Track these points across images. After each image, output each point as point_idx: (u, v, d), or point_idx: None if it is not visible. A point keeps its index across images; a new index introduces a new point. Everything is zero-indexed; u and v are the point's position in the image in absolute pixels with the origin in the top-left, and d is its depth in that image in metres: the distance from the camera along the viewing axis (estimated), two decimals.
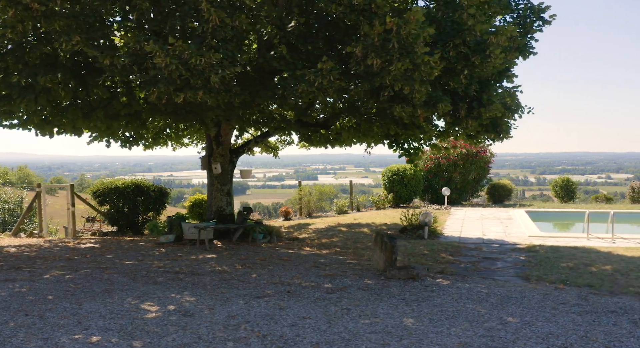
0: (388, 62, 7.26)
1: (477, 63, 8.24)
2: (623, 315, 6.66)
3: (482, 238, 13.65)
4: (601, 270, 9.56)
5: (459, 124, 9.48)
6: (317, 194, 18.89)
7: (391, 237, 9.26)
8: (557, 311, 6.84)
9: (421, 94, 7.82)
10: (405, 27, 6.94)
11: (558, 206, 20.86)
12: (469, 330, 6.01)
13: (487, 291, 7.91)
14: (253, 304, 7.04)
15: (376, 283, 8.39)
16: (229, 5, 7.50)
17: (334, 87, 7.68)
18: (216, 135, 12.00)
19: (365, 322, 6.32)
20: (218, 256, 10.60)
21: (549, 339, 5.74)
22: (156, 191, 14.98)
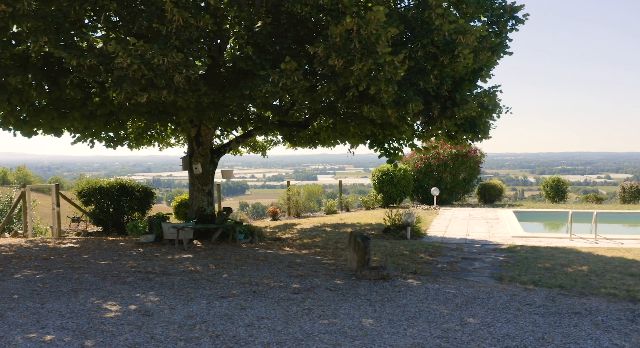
0: (349, 62, 7.23)
1: (446, 63, 8.19)
2: (587, 317, 6.62)
3: (465, 238, 13.62)
4: (577, 271, 9.51)
5: (433, 124, 9.43)
6: (305, 194, 18.86)
7: (364, 238, 9.22)
8: (521, 312, 6.80)
9: (389, 93, 7.78)
10: (366, 27, 6.92)
11: (546, 206, 20.78)
12: (425, 331, 5.99)
13: (455, 292, 7.88)
14: (215, 304, 7.03)
15: (346, 283, 8.37)
16: (194, 5, 7.48)
17: (298, 87, 7.66)
18: (196, 135, 11.99)
19: (323, 322, 6.30)
20: (194, 256, 10.59)
21: (504, 340, 5.71)
22: (141, 191, 14.99)
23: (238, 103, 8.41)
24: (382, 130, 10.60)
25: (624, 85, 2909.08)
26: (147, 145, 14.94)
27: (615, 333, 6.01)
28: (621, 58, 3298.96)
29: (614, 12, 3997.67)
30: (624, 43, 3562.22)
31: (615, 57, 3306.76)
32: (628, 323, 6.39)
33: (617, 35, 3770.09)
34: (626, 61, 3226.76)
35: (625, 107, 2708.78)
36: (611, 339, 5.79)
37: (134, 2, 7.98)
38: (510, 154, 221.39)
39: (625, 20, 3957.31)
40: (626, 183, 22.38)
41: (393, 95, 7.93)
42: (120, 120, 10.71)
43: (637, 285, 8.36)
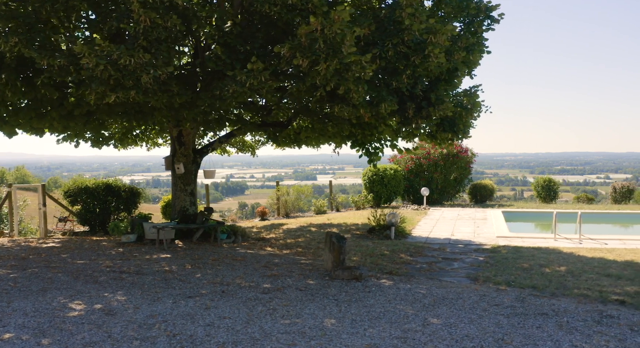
0: (315, 62, 7.21)
1: (417, 62, 8.16)
2: (552, 318, 6.59)
3: (449, 238, 13.58)
4: (554, 271, 9.48)
5: (409, 124, 9.41)
6: (294, 194, 18.84)
7: (340, 238, 9.20)
8: (487, 313, 6.77)
9: (359, 93, 7.76)
10: (331, 27, 6.89)
11: (536, 206, 20.71)
12: (385, 332, 5.96)
13: (425, 292, 7.85)
14: (181, 304, 7.02)
15: (317, 283, 8.35)
16: (162, 6, 7.47)
17: (266, 87, 7.64)
18: (178, 135, 11.99)
19: (285, 322, 6.28)
20: (173, 256, 10.59)
21: (462, 341, 5.68)
22: (127, 191, 14.99)
23: (209, 103, 8.41)
24: (362, 130, 10.58)
25: (622, 85, 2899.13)
26: (134, 145, 14.95)
27: (578, 334, 5.97)
28: (620, 58, 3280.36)
29: (612, 11, 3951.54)
30: (622, 43, 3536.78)
31: (614, 57, 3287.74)
32: (593, 324, 6.35)
33: (615, 35, 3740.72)
34: (625, 61, 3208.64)
35: (624, 107, 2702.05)
36: (572, 341, 5.75)
37: (104, 2, 7.97)
38: (510, 154, 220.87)
39: (624, 20, 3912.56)
40: (617, 184, 22.30)
41: (363, 95, 7.90)
42: (100, 121, 10.70)
43: (611, 286, 8.32)
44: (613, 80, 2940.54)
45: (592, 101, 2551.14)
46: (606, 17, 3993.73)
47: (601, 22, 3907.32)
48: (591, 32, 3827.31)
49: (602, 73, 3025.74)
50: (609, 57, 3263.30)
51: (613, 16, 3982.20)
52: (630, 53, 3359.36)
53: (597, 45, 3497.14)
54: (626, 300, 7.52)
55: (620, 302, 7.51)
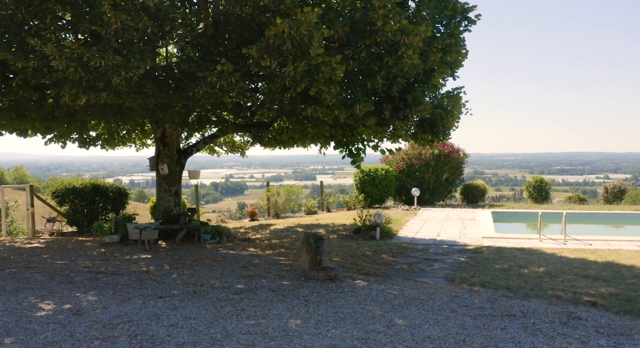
0: (283, 63, 7.23)
1: (391, 63, 8.17)
2: (519, 319, 6.58)
3: (434, 239, 13.58)
4: (532, 272, 9.48)
5: (386, 125, 9.42)
6: (285, 195, 18.87)
7: (317, 239, 9.21)
8: (455, 314, 6.77)
9: (331, 94, 7.78)
10: (298, 29, 6.91)
11: (527, 207, 20.69)
12: (348, 332, 5.97)
13: (397, 293, 7.87)
14: (150, 304, 7.04)
15: (292, 284, 8.37)
16: (133, 8, 7.49)
17: (236, 88, 7.66)
18: (161, 136, 12.03)
19: (250, 322, 6.30)
20: (153, 256, 10.62)
21: (423, 343, 5.69)
22: (115, 191, 15.03)
23: (184, 104, 8.44)
24: (342, 131, 10.60)
25: (622, 85, 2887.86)
26: (121, 145, 14.99)
27: (541, 336, 5.97)
28: (620, 58, 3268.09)
29: (613, 11, 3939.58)
30: (623, 43, 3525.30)
31: (613, 57, 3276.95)
32: (559, 326, 6.35)
33: (616, 35, 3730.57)
34: (625, 61, 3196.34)
35: (624, 107, 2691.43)
36: (534, 342, 5.75)
37: (79, 5, 7.99)
38: (510, 154, 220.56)
39: (624, 19, 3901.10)
40: (609, 184, 22.26)
41: (337, 96, 7.92)
42: (82, 121, 10.74)
43: (586, 287, 8.32)
44: (612, 80, 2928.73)
45: (591, 101, 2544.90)
46: (607, 17, 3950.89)
47: (601, 22, 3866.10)
48: (592, 32, 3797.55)
49: (603, 73, 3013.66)
50: (609, 57, 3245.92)
51: (613, 16, 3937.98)
52: (630, 53, 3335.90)
53: (598, 45, 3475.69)
54: (598, 302, 7.53)
55: (592, 303, 7.51)
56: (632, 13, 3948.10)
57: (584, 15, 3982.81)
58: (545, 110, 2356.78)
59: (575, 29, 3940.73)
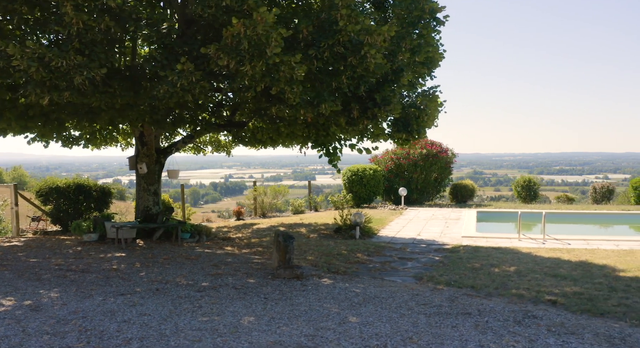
0: (240, 63, 7.29)
1: (354, 63, 8.22)
2: (473, 318, 6.61)
3: (415, 238, 13.61)
4: (502, 271, 9.51)
5: (356, 124, 9.47)
6: (271, 194, 18.92)
7: (287, 237, 9.26)
8: (411, 312, 6.81)
9: (294, 94, 7.83)
10: (254, 29, 6.96)
11: (515, 206, 20.67)
12: (297, 330, 6.02)
13: (360, 291, 7.90)
14: (109, 301, 7.11)
15: (257, 282, 8.42)
16: (95, 9, 7.55)
17: (197, 87, 7.72)
18: (140, 135, 12.10)
19: (203, 319, 6.36)
20: (127, 255, 10.69)
21: (369, 340, 5.72)
22: (98, 191, 15.10)
23: (149, 103, 8.50)
24: (316, 131, 10.65)
25: (621, 85, 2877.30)
26: (105, 145, 15.05)
27: (491, 334, 5.99)
28: (619, 58, 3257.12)
29: (613, 11, 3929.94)
30: (623, 43, 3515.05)
31: (613, 57, 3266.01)
32: (512, 324, 6.37)
33: (616, 34, 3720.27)
34: (624, 61, 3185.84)
35: (624, 107, 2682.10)
36: (481, 340, 5.78)
37: (46, 6, 8.06)
38: (509, 154, 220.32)
39: (625, 19, 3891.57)
40: (597, 184, 22.26)
41: (300, 95, 7.97)
42: (58, 121, 10.81)
43: (551, 287, 8.35)
44: (612, 81, 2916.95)
45: (591, 101, 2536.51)
46: (607, 17, 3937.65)
47: (601, 22, 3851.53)
48: (592, 31, 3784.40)
49: (602, 73, 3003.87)
50: (609, 57, 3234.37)
51: (614, 16, 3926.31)
52: (630, 53, 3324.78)
53: (599, 45, 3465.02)
54: (559, 301, 7.55)
55: (553, 302, 7.54)
56: (632, 13, 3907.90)
57: (584, 14, 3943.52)
58: (544, 110, 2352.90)
59: (576, 29, 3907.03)
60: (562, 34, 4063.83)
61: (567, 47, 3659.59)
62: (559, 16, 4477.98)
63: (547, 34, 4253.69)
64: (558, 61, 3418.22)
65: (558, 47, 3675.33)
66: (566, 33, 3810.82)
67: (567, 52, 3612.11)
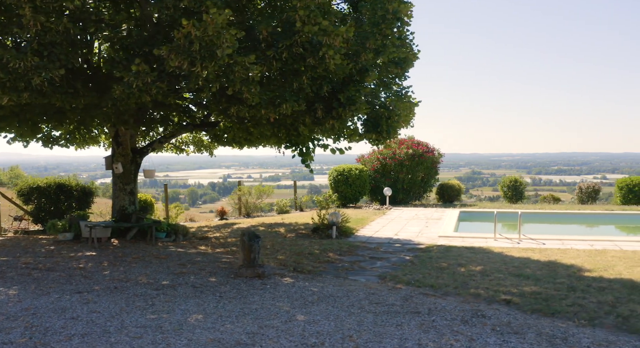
0: (191, 63, 7.37)
1: (313, 64, 8.28)
2: (421, 317, 6.66)
3: (391, 238, 13.66)
4: (468, 271, 9.55)
5: (321, 124, 9.53)
6: (256, 194, 19.00)
7: (252, 237, 9.32)
8: (360, 311, 6.87)
9: (252, 94, 7.90)
10: (204, 30, 7.04)
11: (499, 206, 20.71)
12: (241, 327, 6.09)
13: (317, 290, 7.97)
14: (64, 299, 7.20)
15: (218, 281, 8.50)
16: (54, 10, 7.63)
17: (154, 88, 7.79)
18: (115, 135, 12.20)
19: (151, 317, 6.44)
20: (98, 254, 10.78)
21: (309, 338, 5.79)
22: (79, 190, 15.22)
23: (112, 104, 8.59)
24: (286, 131, 10.72)
25: (620, 85, 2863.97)
26: (87, 145, 15.14)
27: (433, 333, 6.04)
28: (618, 58, 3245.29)
29: (611, 12, 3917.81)
30: (623, 43, 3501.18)
31: (613, 57, 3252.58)
32: (459, 323, 6.42)
33: (615, 35, 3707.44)
34: (623, 61, 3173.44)
35: (622, 108, 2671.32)
36: (420, 339, 5.83)
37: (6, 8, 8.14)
38: (507, 154, 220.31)
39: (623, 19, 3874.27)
40: (583, 184, 22.27)
41: (259, 96, 8.04)
42: (32, 121, 10.92)
43: (511, 286, 8.39)
44: (611, 81, 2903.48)
45: (590, 102, 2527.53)
46: (605, 17, 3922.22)
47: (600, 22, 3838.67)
48: (591, 32, 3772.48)
49: (601, 73, 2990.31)
50: (608, 57, 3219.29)
51: (612, 16, 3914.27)
52: (629, 53, 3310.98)
53: (598, 46, 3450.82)
54: (513, 300, 7.59)
55: (507, 301, 7.58)
56: (631, 13, 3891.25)
57: (582, 15, 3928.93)
58: (543, 110, 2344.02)
59: (575, 30, 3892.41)
60: (563, 35, 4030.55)
61: (567, 47, 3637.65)
62: (557, 16, 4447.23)
63: (548, 34, 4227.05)
64: (557, 61, 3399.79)
65: (558, 47, 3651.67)
66: (567, 33, 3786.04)
67: (566, 52, 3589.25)
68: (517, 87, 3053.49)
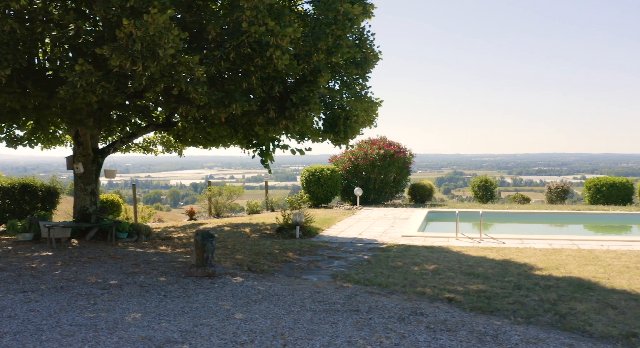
0: (133, 63, 7.41)
1: (261, 64, 8.35)
2: (360, 315, 6.73)
3: (355, 237, 13.76)
4: (421, 270, 9.65)
5: (275, 124, 9.60)
6: (226, 194, 19.03)
7: (205, 236, 9.36)
8: (301, 309, 6.94)
9: (199, 94, 7.95)
10: (145, 30, 7.08)
11: (469, 206, 20.93)
12: (176, 326, 6.14)
13: (264, 289, 8.03)
14: (7, 298, 7.21)
15: (167, 280, 8.53)
16: None
17: (99, 88, 7.81)
18: (75, 135, 12.18)
19: (89, 315, 6.47)
20: (54, 254, 10.76)
21: (241, 336, 5.85)
22: (44, 191, 15.14)
23: (61, 104, 8.60)
24: (244, 131, 10.77)
25: (600, 87, 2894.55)
26: (52, 145, 15.08)
27: (366, 331, 6.11)
28: (597, 59, 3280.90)
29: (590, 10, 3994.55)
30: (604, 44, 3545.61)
31: (591, 59, 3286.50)
32: (395, 321, 6.49)
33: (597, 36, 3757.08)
34: (602, 62, 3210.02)
35: (602, 109, 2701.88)
36: (352, 336, 5.90)
37: None
38: (488, 154, 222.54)
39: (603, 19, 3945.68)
40: (552, 184, 22.56)
41: (205, 96, 8.09)
42: None
43: (459, 284, 8.51)
44: (590, 82, 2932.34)
45: (569, 103, 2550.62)
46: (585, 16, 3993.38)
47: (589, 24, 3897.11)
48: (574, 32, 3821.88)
49: (580, 75, 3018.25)
50: (589, 59, 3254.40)
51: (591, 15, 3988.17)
52: (608, 54, 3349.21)
53: (579, 46, 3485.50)
54: (456, 298, 7.70)
55: (450, 300, 7.69)
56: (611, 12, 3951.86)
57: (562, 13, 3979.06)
58: (524, 111, 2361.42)
59: (556, 29, 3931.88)
60: (545, 35, 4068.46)
61: (550, 48, 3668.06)
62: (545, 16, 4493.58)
63: (529, 35, 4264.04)
64: (539, 62, 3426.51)
65: (537, 47, 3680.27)
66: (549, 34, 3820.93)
67: (548, 53, 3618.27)
68: (498, 88, 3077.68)
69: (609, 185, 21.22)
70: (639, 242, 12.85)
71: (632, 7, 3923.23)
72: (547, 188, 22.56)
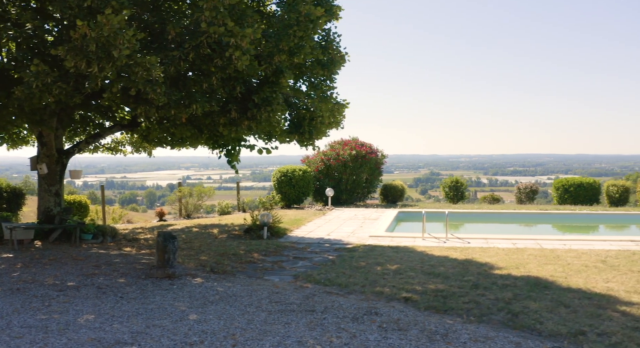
0: (88, 64, 7.39)
1: (220, 65, 8.37)
2: (314, 315, 6.77)
3: (323, 238, 13.82)
4: (383, 270, 9.74)
5: (237, 125, 9.62)
6: (196, 195, 18.97)
7: (167, 238, 9.34)
8: (257, 310, 6.98)
9: (158, 95, 7.95)
10: (99, 31, 7.07)
11: (439, 206, 21.19)
12: (128, 327, 6.14)
13: (222, 290, 8.05)
14: None
15: (126, 282, 8.50)
16: None
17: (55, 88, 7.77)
18: (39, 135, 12.05)
19: (42, 317, 6.44)
20: (15, 255, 10.65)
21: (192, 336, 5.87)
22: (9, 192, 14.97)
23: (18, 104, 8.53)
24: (208, 131, 10.76)
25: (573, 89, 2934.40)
26: (17, 145, 14.88)
27: (319, 330, 6.17)
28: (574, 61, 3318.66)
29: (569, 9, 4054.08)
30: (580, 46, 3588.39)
31: (568, 61, 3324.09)
32: (348, 321, 6.55)
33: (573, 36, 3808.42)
34: (578, 64, 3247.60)
35: (575, 111, 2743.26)
36: (303, 336, 5.95)
37: None
38: (465, 155, 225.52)
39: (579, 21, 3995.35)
40: (521, 184, 22.91)
41: (164, 96, 8.08)
42: None
43: (417, 284, 8.61)
44: (565, 83, 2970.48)
45: (544, 104, 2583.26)
46: (562, 16, 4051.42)
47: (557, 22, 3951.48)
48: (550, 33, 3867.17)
49: (555, 76, 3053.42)
50: (566, 60, 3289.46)
51: (567, 16, 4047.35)
52: (586, 56, 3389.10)
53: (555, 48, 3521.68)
54: (412, 298, 7.80)
55: (406, 299, 7.78)
56: (589, 13, 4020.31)
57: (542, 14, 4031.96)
58: (499, 112, 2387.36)
59: (534, 31, 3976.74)
60: (520, 36, 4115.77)
61: (524, 48, 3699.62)
62: (525, 18, 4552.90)
63: (506, 36, 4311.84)
64: (514, 64, 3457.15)
65: (514, 49, 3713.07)
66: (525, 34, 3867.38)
67: (522, 54, 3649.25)
68: (475, 90, 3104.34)
69: (576, 185, 21.61)
70: (600, 242, 13.10)
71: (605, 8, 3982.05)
72: (517, 189, 22.88)
